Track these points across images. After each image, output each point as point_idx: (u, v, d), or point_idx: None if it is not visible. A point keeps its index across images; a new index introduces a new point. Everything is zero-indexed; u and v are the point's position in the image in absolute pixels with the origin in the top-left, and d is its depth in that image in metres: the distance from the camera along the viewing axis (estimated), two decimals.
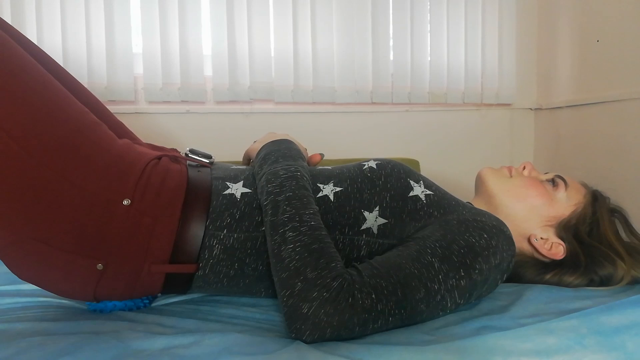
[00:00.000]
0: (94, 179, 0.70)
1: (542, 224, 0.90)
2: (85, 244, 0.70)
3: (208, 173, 0.83)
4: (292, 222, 0.68)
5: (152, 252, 0.72)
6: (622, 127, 1.59)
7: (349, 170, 0.85)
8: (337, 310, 0.60)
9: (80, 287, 0.73)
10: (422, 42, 1.86)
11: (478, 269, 0.70)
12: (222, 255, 0.75)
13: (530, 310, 0.73)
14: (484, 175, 0.97)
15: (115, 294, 0.75)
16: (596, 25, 1.72)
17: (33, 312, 0.78)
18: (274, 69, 1.71)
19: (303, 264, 0.63)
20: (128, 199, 0.71)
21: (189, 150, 0.90)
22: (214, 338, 0.62)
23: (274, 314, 0.77)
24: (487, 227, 0.74)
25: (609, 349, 0.57)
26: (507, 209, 0.91)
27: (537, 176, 0.96)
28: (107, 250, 0.70)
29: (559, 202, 0.91)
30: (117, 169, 0.72)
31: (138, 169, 0.74)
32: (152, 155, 0.78)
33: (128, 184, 0.72)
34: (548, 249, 0.89)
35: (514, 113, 2.03)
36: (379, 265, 0.66)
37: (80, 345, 0.60)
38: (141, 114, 1.63)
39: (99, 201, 0.69)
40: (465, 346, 0.58)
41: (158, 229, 0.72)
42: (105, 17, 1.54)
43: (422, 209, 0.79)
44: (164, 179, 0.75)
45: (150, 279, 0.74)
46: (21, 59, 0.72)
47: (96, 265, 0.71)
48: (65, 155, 0.69)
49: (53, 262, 0.70)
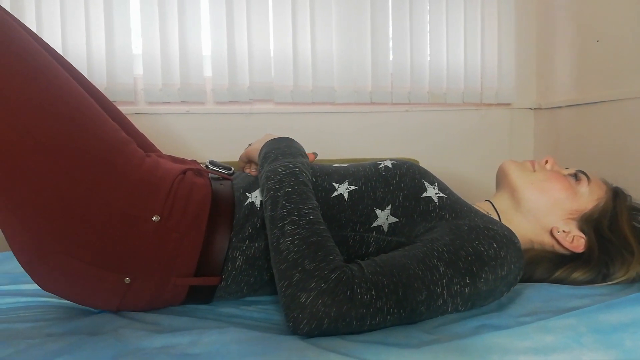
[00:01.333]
0: (124, 196, 0.71)
1: (564, 217, 0.91)
2: (114, 259, 0.71)
3: (229, 185, 0.84)
4: (290, 216, 0.68)
5: (179, 265, 0.74)
6: (621, 126, 1.59)
7: (365, 169, 0.85)
8: (334, 302, 0.60)
9: (106, 300, 0.75)
10: (421, 42, 1.86)
11: (484, 279, 0.69)
12: (245, 266, 0.77)
13: (528, 308, 0.73)
14: (507, 169, 0.97)
15: (140, 306, 0.76)
16: (595, 24, 1.72)
17: (33, 312, 0.78)
18: (273, 70, 1.71)
19: (301, 255, 0.63)
20: (157, 216, 0.72)
21: (209, 162, 0.92)
22: (213, 337, 0.62)
23: (272, 312, 0.77)
24: (497, 237, 0.73)
25: (607, 347, 0.57)
26: (530, 202, 0.92)
27: (559, 170, 0.97)
28: (134, 265, 0.72)
29: (581, 196, 0.91)
30: (147, 187, 0.73)
31: (166, 186, 0.75)
32: (178, 171, 0.80)
33: (157, 201, 0.73)
34: (570, 241, 0.89)
35: (514, 113, 2.03)
36: (382, 263, 0.66)
37: (80, 344, 0.61)
38: (141, 115, 1.63)
39: (128, 217, 0.71)
40: (463, 345, 0.58)
41: (185, 244, 0.74)
42: (105, 18, 1.55)
43: (434, 210, 0.78)
44: (190, 194, 0.77)
45: (174, 291, 0.76)
46: (58, 74, 0.73)
47: (124, 279, 0.72)
48: (98, 173, 0.70)
49: (80, 276, 0.72)
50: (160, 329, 0.66)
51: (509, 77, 1.96)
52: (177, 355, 0.57)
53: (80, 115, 0.72)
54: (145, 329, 0.66)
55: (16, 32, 0.72)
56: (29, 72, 0.70)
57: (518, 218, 0.92)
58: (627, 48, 1.58)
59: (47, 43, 0.87)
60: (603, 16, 1.68)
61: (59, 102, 0.71)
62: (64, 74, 0.75)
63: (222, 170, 0.91)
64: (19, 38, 0.71)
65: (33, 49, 0.72)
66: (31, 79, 0.70)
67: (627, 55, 1.57)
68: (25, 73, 0.69)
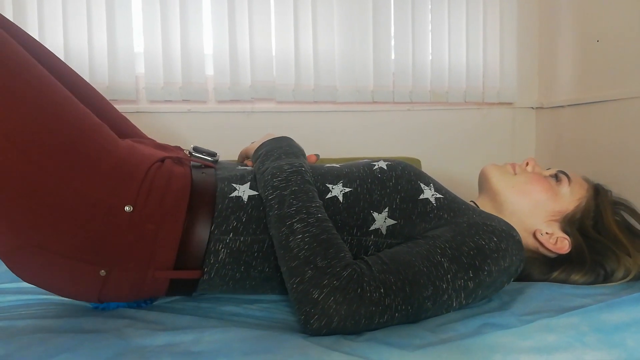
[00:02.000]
0: (95, 184, 0.68)
1: (546, 219, 0.90)
2: (88, 251, 0.69)
3: (212, 174, 0.81)
4: (299, 214, 0.68)
5: (156, 258, 0.71)
6: (623, 125, 1.59)
7: (359, 170, 0.84)
8: (345, 299, 0.60)
9: (84, 291, 0.73)
10: (423, 41, 1.86)
11: (487, 271, 0.70)
12: (228, 259, 0.74)
13: (531, 307, 0.73)
14: (488, 173, 0.97)
15: (120, 298, 0.74)
16: (597, 24, 1.71)
17: (34, 310, 0.78)
18: (275, 68, 1.71)
19: (312, 253, 0.63)
20: (130, 206, 0.69)
21: (192, 149, 0.88)
22: (215, 335, 0.62)
23: (274, 311, 0.77)
24: (497, 231, 0.74)
25: (610, 346, 0.57)
26: (512, 205, 0.92)
27: (540, 172, 0.96)
28: (110, 256, 0.69)
29: (563, 197, 0.91)
30: (119, 174, 0.70)
31: (140, 174, 0.72)
32: (154, 158, 0.76)
33: (130, 190, 0.70)
34: (553, 243, 0.89)
35: (516, 112, 2.03)
36: (388, 260, 0.67)
37: (81, 342, 0.60)
38: (142, 113, 1.63)
39: (101, 208, 0.68)
40: (466, 345, 0.58)
41: (161, 235, 0.71)
42: (107, 17, 1.55)
43: (432, 211, 0.78)
44: (167, 184, 0.73)
45: (154, 284, 0.73)
46: (21, 58, 0.70)
47: (99, 271, 0.69)
48: (66, 161, 0.67)
49: (56, 267, 0.69)
50: (162, 327, 0.66)
51: (511, 77, 1.96)
52: (179, 353, 0.57)
53: (46, 101, 0.68)
54: (148, 327, 0.66)
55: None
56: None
57: None
58: (629, 47, 1.57)
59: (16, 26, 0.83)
60: (605, 16, 1.67)
61: (24, 87, 0.67)
62: (29, 58, 0.71)
63: (205, 156, 0.86)
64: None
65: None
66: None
67: (630, 54, 1.57)
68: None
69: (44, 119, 0.67)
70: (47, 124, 0.67)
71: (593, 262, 0.86)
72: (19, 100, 0.66)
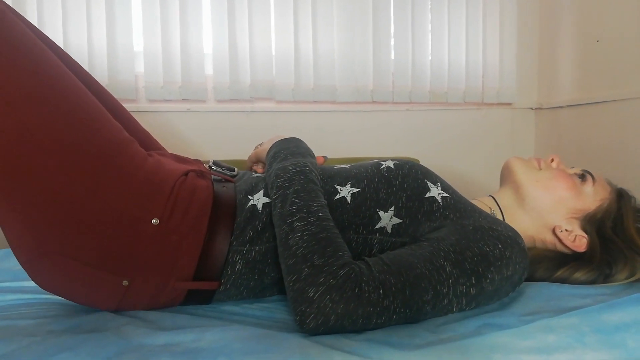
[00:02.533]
0: (124, 197, 0.70)
1: (567, 216, 0.91)
2: (112, 261, 0.70)
3: (232, 188, 0.82)
4: (300, 213, 0.69)
5: (178, 269, 0.73)
6: (622, 126, 1.59)
7: (367, 170, 0.84)
8: (342, 298, 0.60)
9: (104, 300, 0.74)
10: (423, 41, 1.86)
11: (490, 279, 0.69)
12: (244, 270, 0.76)
13: (531, 307, 0.73)
14: (512, 165, 0.96)
15: (138, 307, 0.76)
16: (597, 24, 1.71)
17: (35, 309, 0.78)
18: (274, 68, 1.71)
19: (310, 251, 0.64)
20: (157, 219, 0.71)
21: (212, 163, 0.90)
22: (215, 334, 0.62)
23: (274, 310, 0.77)
24: (502, 237, 0.73)
25: (610, 346, 0.57)
26: (535, 200, 0.92)
27: (564, 169, 0.96)
28: (133, 267, 0.71)
29: (586, 196, 0.91)
30: (147, 188, 0.72)
31: (168, 188, 0.73)
32: (179, 172, 0.78)
33: (158, 204, 0.72)
34: (572, 240, 0.89)
35: (515, 112, 2.03)
36: (389, 261, 0.66)
37: (81, 341, 0.60)
38: (142, 113, 1.63)
39: (128, 220, 0.70)
40: (466, 345, 0.58)
41: (184, 247, 0.72)
42: (107, 15, 1.54)
43: (438, 210, 0.78)
44: (191, 197, 0.75)
45: (172, 294, 0.75)
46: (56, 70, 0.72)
47: (122, 281, 0.71)
48: (98, 173, 0.69)
49: (78, 276, 0.71)
50: (162, 326, 0.66)
51: (511, 77, 1.96)
52: (179, 353, 0.57)
53: (82, 114, 0.71)
54: (148, 326, 0.66)
55: (17, 27, 0.70)
56: (30, 67, 0.68)
57: (521, 215, 0.92)
58: (629, 48, 1.57)
59: (49, 38, 0.85)
60: (605, 16, 1.67)
61: (60, 99, 0.69)
62: (65, 70, 0.73)
63: (225, 171, 0.89)
64: (20, 32, 0.70)
65: (33, 44, 0.70)
66: (32, 74, 0.68)
67: (629, 55, 1.57)
68: (26, 67, 0.68)
69: (79, 131, 0.69)
70: (82, 137, 0.69)
71: (601, 261, 0.86)
72: (54, 111, 0.68)
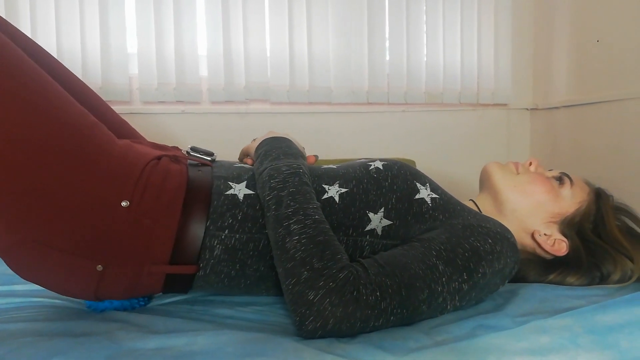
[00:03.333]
0: (93, 181, 0.69)
1: (546, 220, 0.90)
2: (85, 246, 0.69)
3: (209, 172, 0.82)
4: (296, 216, 0.68)
5: (152, 253, 0.72)
6: (617, 127, 1.60)
7: (355, 171, 0.84)
8: (341, 301, 0.60)
9: (82, 287, 0.73)
10: (418, 43, 1.87)
11: (481, 273, 0.70)
12: (224, 256, 0.74)
13: (525, 309, 0.73)
14: (490, 171, 0.96)
15: (117, 294, 0.75)
16: (593, 25, 1.72)
17: (26, 313, 0.77)
18: (269, 69, 1.71)
19: (309, 254, 0.63)
20: (127, 201, 0.70)
21: (190, 148, 0.89)
22: (208, 338, 0.61)
23: (267, 313, 0.77)
24: (492, 233, 0.74)
25: (603, 347, 0.57)
26: (513, 204, 0.91)
27: (542, 172, 0.96)
28: (106, 252, 0.70)
29: (564, 199, 0.91)
30: (116, 171, 0.71)
31: (137, 170, 0.73)
32: (151, 156, 0.77)
33: (127, 186, 0.71)
34: (551, 245, 0.88)
35: (510, 113, 2.03)
36: (384, 263, 0.66)
37: (73, 345, 0.60)
38: (136, 114, 1.62)
39: (97, 203, 0.69)
40: (460, 347, 0.58)
41: (157, 231, 0.72)
42: (100, 17, 1.54)
43: (428, 212, 0.78)
44: (163, 180, 0.75)
45: (150, 279, 0.74)
46: (18, 59, 0.71)
47: (96, 266, 0.70)
48: (64, 158, 0.68)
49: (54, 263, 0.70)
50: (154, 330, 0.66)
51: (506, 78, 1.97)
52: (172, 356, 0.57)
53: (43, 100, 0.70)
54: (140, 330, 0.65)
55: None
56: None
57: (500, 220, 0.91)
58: (623, 49, 1.58)
59: (11, 25, 0.84)
60: (600, 17, 1.68)
61: (20, 87, 0.68)
62: (25, 57, 0.72)
63: (202, 155, 0.88)
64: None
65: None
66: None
67: (624, 56, 1.58)
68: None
69: (42, 117, 0.69)
70: (46, 122, 0.69)
71: (589, 265, 0.86)
72: (16, 101, 0.68)
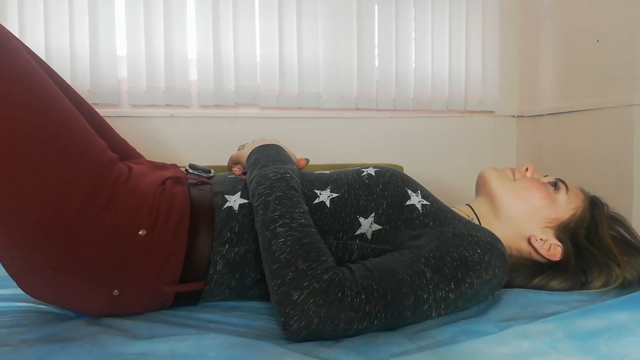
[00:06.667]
0: (112, 213, 0.71)
1: (542, 226, 0.91)
2: (103, 274, 0.72)
3: (208, 190, 0.84)
4: (282, 219, 0.69)
5: (165, 274, 0.75)
6: (602, 135, 1.62)
7: (347, 176, 0.85)
8: (325, 302, 0.60)
9: (97, 310, 0.76)
10: (406, 49, 1.88)
11: (469, 283, 0.70)
12: (225, 270, 0.77)
13: (507, 314, 0.74)
14: (487, 176, 0.97)
15: (130, 313, 0.77)
16: (579, 34, 1.75)
17: (9, 317, 0.77)
18: (259, 74, 1.71)
19: (294, 256, 0.64)
20: (144, 230, 0.73)
21: (189, 166, 0.92)
22: (191, 343, 0.61)
23: (251, 318, 0.77)
24: (481, 243, 0.74)
25: (583, 352, 0.58)
26: (509, 209, 0.92)
27: (538, 178, 0.97)
28: (123, 278, 0.72)
29: (559, 205, 0.92)
30: (132, 203, 0.74)
31: (150, 199, 0.75)
32: (158, 182, 0.80)
33: (143, 216, 0.73)
34: (547, 249, 0.90)
35: (497, 120, 2.05)
36: (372, 267, 0.67)
37: (56, 350, 0.60)
38: (125, 118, 1.61)
39: (117, 233, 0.71)
40: (443, 352, 0.59)
41: (170, 252, 0.74)
42: (89, 19, 1.53)
43: (418, 218, 0.79)
44: (170, 204, 0.77)
45: (162, 298, 0.77)
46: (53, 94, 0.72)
47: (113, 291, 0.73)
48: (86, 192, 0.69)
49: (69, 289, 0.72)
50: (138, 335, 0.65)
51: (493, 85, 1.99)
52: None
53: (70, 135, 0.71)
54: (123, 335, 0.65)
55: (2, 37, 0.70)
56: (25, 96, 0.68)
57: (496, 224, 0.93)
58: (608, 58, 1.61)
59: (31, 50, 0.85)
60: (586, 26, 1.71)
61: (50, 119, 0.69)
62: (57, 91, 0.73)
63: (201, 173, 0.91)
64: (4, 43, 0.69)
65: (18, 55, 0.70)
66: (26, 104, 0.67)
67: (609, 64, 1.61)
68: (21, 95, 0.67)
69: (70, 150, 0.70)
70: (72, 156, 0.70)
71: (576, 269, 0.87)
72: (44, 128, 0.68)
